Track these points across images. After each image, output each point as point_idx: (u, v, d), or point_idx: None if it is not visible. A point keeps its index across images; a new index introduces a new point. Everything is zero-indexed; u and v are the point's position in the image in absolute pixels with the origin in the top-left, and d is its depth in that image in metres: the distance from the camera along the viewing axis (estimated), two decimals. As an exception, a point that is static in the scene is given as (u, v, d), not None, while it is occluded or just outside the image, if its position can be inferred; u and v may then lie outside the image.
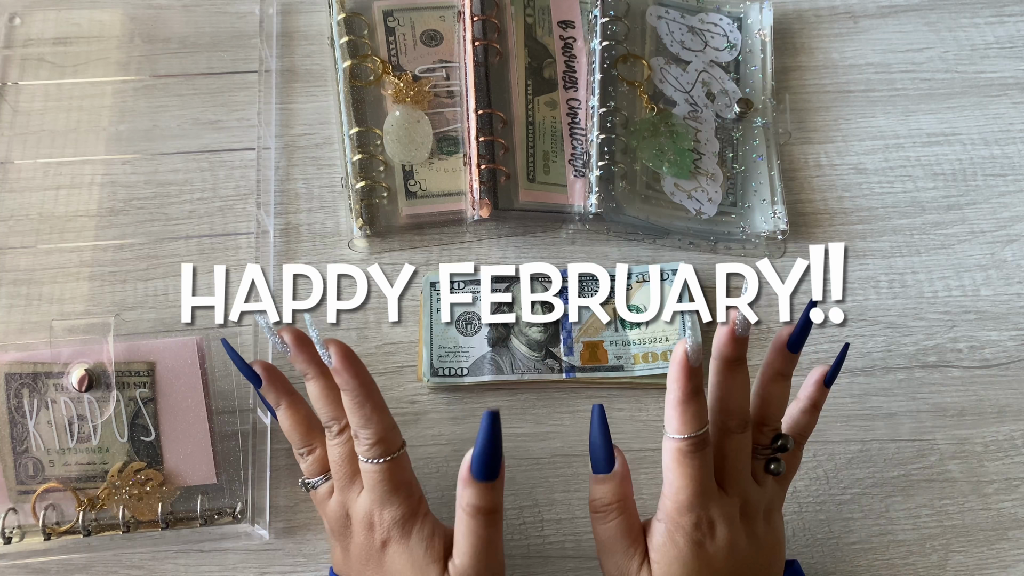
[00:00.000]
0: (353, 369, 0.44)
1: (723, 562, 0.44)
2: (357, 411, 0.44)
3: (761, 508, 0.46)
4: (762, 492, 0.46)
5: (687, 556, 0.44)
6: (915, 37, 0.69)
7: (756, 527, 0.46)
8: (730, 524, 0.44)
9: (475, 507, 0.43)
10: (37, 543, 0.51)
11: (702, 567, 0.44)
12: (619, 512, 0.45)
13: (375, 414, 0.44)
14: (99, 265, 0.60)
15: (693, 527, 0.44)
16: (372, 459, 0.44)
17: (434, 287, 0.58)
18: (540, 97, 0.64)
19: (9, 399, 0.51)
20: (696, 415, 0.43)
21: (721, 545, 0.44)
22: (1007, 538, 0.54)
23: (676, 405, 0.44)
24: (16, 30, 0.67)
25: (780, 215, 0.61)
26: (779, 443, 0.46)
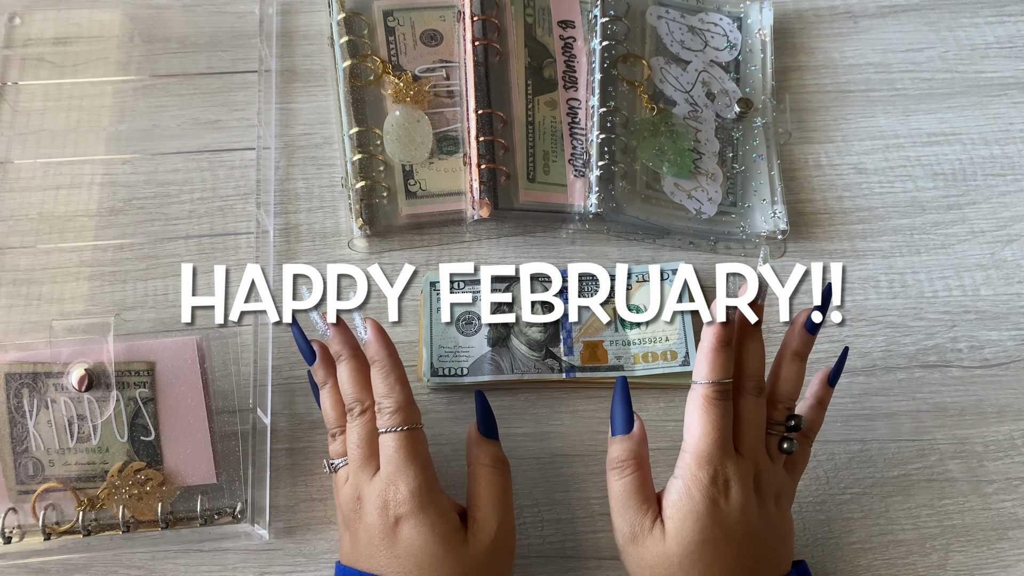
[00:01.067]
0: (384, 341, 0.48)
1: (735, 524, 0.45)
2: (383, 380, 0.47)
3: (773, 487, 0.47)
4: (773, 469, 0.47)
5: (701, 511, 0.45)
6: (915, 37, 0.69)
7: (767, 504, 0.46)
8: (744, 487, 0.45)
9: (493, 456, 0.49)
10: (37, 543, 0.51)
11: (714, 524, 0.45)
12: (634, 468, 0.47)
13: (399, 384, 0.47)
14: (99, 265, 0.60)
15: (710, 481, 0.45)
16: (392, 427, 0.46)
17: (434, 287, 0.58)
18: (540, 97, 0.64)
19: (9, 399, 0.51)
20: (725, 364, 0.46)
21: (735, 506, 0.45)
22: (1007, 538, 0.54)
23: (708, 352, 0.46)
24: (16, 30, 0.67)
25: (780, 215, 0.61)
26: (793, 422, 0.48)
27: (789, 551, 0.48)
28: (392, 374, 0.47)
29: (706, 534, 0.45)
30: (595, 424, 0.56)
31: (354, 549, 0.47)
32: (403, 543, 0.45)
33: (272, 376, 0.57)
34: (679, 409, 0.55)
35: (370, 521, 0.46)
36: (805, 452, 0.50)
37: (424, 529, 0.45)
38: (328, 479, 0.55)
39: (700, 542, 0.45)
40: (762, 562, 0.46)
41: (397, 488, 0.45)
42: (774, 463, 0.47)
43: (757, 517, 0.46)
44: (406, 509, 0.45)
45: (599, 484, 0.55)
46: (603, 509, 0.54)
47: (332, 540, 0.53)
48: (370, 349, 0.48)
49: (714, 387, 0.46)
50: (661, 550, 0.45)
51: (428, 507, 0.45)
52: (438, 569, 0.45)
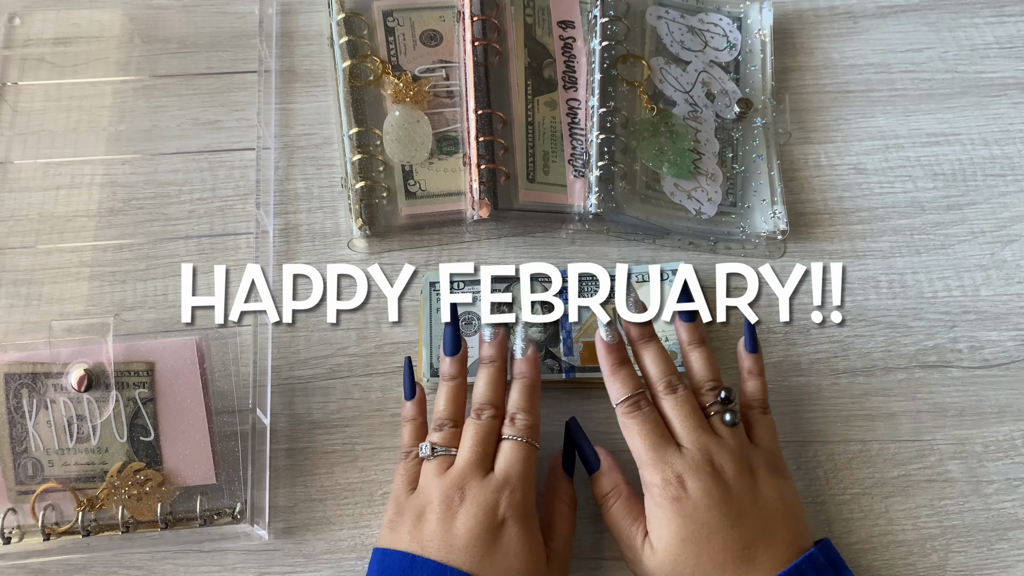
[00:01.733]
0: (536, 367, 0.52)
1: (706, 512, 0.46)
2: (527, 396, 0.50)
3: (739, 463, 0.48)
4: (729, 446, 0.48)
5: (670, 516, 0.46)
6: (915, 37, 0.69)
7: (741, 480, 0.47)
8: (697, 474, 0.46)
9: (572, 498, 0.52)
10: (37, 543, 0.51)
11: (685, 521, 0.46)
12: (615, 497, 0.50)
13: (537, 406, 0.51)
14: (99, 265, 0.60)
15: (663, 484, 0.47)
16: (523, 437, 0.49)
17: (434, 287, 0.58)
18: (540, 97, 0.64)
19: (9, 399, 0.51)
20: (625, 380, 0.50)
21: (696, 496, 0.46)
22: (1007, 538, 0.54)
23: (607, 378, 0.50)
24: (16, 30, 0.67)
25: (780, 215, 0.61)
26: (722, 395, 0.50)
27: (796, 525, 0.48)
28: (535, 395, 0.51)
29: (682, 533, 0.46)
30: (595, 424, 0.56)
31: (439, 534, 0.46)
32: (501, 545, 0.46)
33: (272, 376, 0.57)
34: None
35: (473, 513, 0.46)
36: (766, 420, 0.51)
37: (525, 537, 0.46)
38: (327, 480, 0.55)
39: (680, 542, 0.46)
40: (760, 540, 0.46)
41: (513, 492, 0.47)
42: (728, 440, 0.48)
43: (730, 497, 0.46)
44: (515, 513, 0.47)
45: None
46: (603, 509, 0.54)
47: (332, 540, 0.53)
48: (522, 366, 0.51)
49: (624, 403, 0.49)
50: (654, 563, 0.47)
51: (533, 519, 0.48)
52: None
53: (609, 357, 0.50)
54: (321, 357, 0.58)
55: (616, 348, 0.51)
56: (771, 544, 0.46)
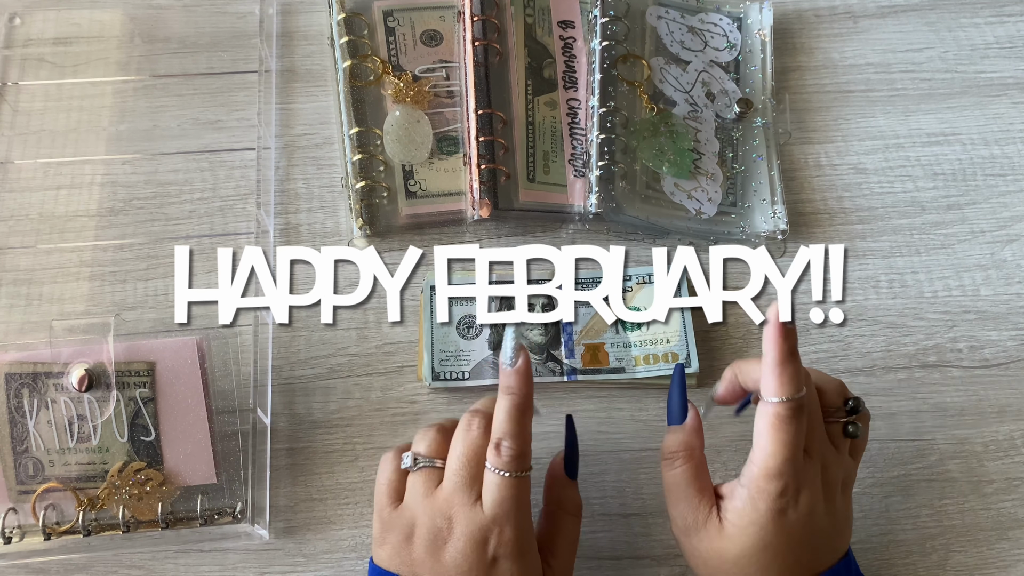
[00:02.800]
0: (529, 379, 0.45)
1: (800, 530, 0.44)
2: (517, 418, 0.44)
3: (840, 478, 0.46)
4: (839, 459, 0.46)
5: (766, 521, 0.44)
6: (915, 37, 0.69)
7: (834, 497, 0.46)
8: (813, 492, 0.44)
9: (578, 506, 0.48)
10: (37, 543, 0.51)
11: (778, 532, 0.44)
12: (685, 460, 0.46)
13: (527, 428, 0.45)
14: (99, 265, 0.60)
15: (779, 494, 0.43)
16: (509, 471, 0.44)
17: (434, 291, 0.58)
18: (540, 97, 0.64)
19: (9, 399, 0.51)
20: (794, 377, 0.43)
21: (803, 512, 0.44)
22: (1007, 538, 0.54)
23: (774, 367, 0.43)
24: (16, 30, 0.67)
25: (780, 215, 0.61)
26: (850, 404, 0.47)
27: (847, 537, 0.48)
28: (526, 415, 0.45)
29: (767, 540, 0.44)
30: (595, 424, 0.56)
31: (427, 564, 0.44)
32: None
33: (272, 376, 0.57)
34: None
35: (461, 549, 0.43)
36: (865, 433, 0.49)
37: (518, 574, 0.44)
38: (327, 479, 0.55)
39: (760, 548, 0.44)
40: (822, 556, 0.46)
41: (503, 531, 0.44)
42: (840, 453, 0.46)
43: (823, 516, 0.45)
44: (507, 551, 0.44)
45: (599, 484, 0.55)
46: (602, 509, 0.54)
47: (332, 540, 0.53)
48: (511, 380, 0.45)
49: (787, 405, 0.43)
50: (717, 547, 0.45)
51: (527, 554, 0.44)
52: None
53: (785, 343, 0.43)
54: (321, 357, 0.58)
55: (792, 334, 0.44)
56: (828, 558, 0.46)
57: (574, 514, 0.48)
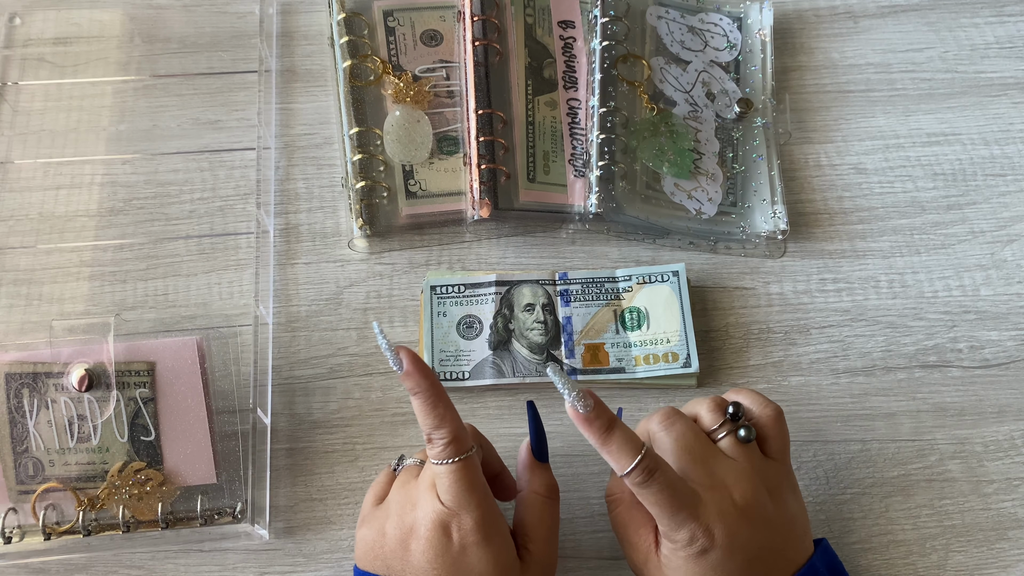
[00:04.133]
0: (423, 372, 0.44)
1: (728, 559, 0.43)
2: (430, 412, 0.44)
3: (757, 487, 0.45)
4: (747, 472, 0.45)
5: (690, 567, 0.43)
6: (915, 37, 0.69)
7: (759, 511, 0.44)
8: (723, 519, 0.43)
9: (549, 487, 0.47)
10: (37, 543, 0.51)
11: (707, 571, 0.43)
12: (617, 504, 0.47)
13: (448, 414, 0.44)
14: (99, 265, 0.60)
15: (687, 543, 0.43)
16: (447, 459, 0.44)
17: (435, 291, 0.58)
18: (540, 97, 0.64)
19: (9, 399, 0.51)
20: (622, 446, 0.43)
21: (721, 543, 0.43)
22: (1007, 538, 0.54)
23: (601, 451, 0.43)
24: (16, 30, 0.67)
25: (780, 215, 0.61)
26: (730, 411, 0.46)
27: (797, 540, 0.46)
28: (439, 404, 0.44)
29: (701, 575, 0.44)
30: (595, 424, 0.56)
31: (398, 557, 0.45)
32: (463, 568, 0.44)
33: (272, 376, 0.57)
34: None
35: (427, 538, 0.44)
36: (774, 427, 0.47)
37: (488, 558, 0.44)
38: (327, 479, 0.55)
39: None
40: (772, 567, 0.45)
41: (461, 519, 0.44)
42: (742, 463, 0.45)
43: (749, 536, 0.44)
44: (472, 539, 0.43)
45: (599, 484, 0.55)
46: (602, 509, 0.54)
47: (332, 540, 0.53)
48: (409, 381, 0.44)
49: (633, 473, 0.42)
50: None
51: (493, 537, 0.44)
52: None
53: (593, 428, 0.43)
54: (321, 357, 0.58)
55: (595, 416, 0.42)
56: (781, 567, 0.45)
57: (547, 496, 0.47)
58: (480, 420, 0.56)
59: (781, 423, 0.47)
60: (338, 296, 0.60)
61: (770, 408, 0.47)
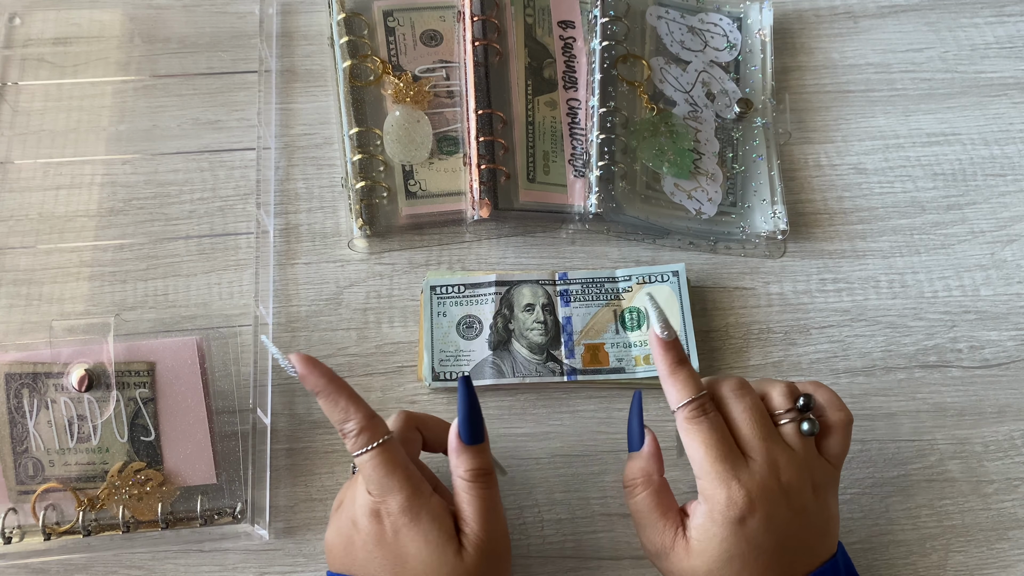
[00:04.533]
0: (318, 370, 0.44)
1: (762, 535, 0.43)
2: (333, 407, 0.45)
3: (805, 479, 0.45)
4: (798, 459, 0.45)
5: (725, 533, 0.43)
6: (915, 37, 0.69)
7: (803, 500, 0.45)
8: (764, 494, 0.43)
9: (472, 471, 0.45)
10: (37, 543, 0.51)
11: (740, 541, 0.43)
12: (644, 487, 0.47)
13: (351, 405, 0.45)
14: (99, 265, 0.60)
15: (728, 503, 0.43)
16: (362, 449, 0.44)
17: (435, 291, 0.58)
18: (540, 97, 0.64)
19: (9, 399, 0.51)
20: (686, 381, 0.45)
21: (759, 518, 0.43)
22: (1007, 538, 0.54)
23: (666, 379, 0.46)
24: (16, 30, 0.67)
25: (780, 215, 0.61)
26: (801, 402, 0.46)
27: (831, 540, 0.47)
28: (340, 397, 0.44)
29: (732, 551, 0.44)
30: (595, 424, 0.56)
31: (348, 555, 0.46)
32: (403, 551, 0.44)
33: (272, 376, 0.57)
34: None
35: (365, 530, 0.45)
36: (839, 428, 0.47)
37: (419, 539, 0.44)
38: (327, 479, 0.55)
39: (727, 559, 0.44)
40: (800, 559, 0.45)
41: (387, 504, 0.44)
42: (798, 452, 0.45)
43: (787, 520, 0.44)
44: (401, 522, 0.44)
45: (599, 484, 0.55)
46: (603, 509, 0.54)
47: (332, 540, 0.53)
48: (308, 383, 0.44)
49: (688, 406, 0.45)
50: (687, 566, 0.45)
51: (420, 516, 0.44)
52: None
53: (667, 356, 0.45)
54: (321, 357, 0.58)
55: (675, 345, 0.46)
56: (808, 561, 0.45)
57: (472, 480, 0.45)
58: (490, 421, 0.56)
59: (848, 430, 0.47)
60: (338, 296, 0.60)
61: (843, 412, 0.47)
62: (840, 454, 0.47)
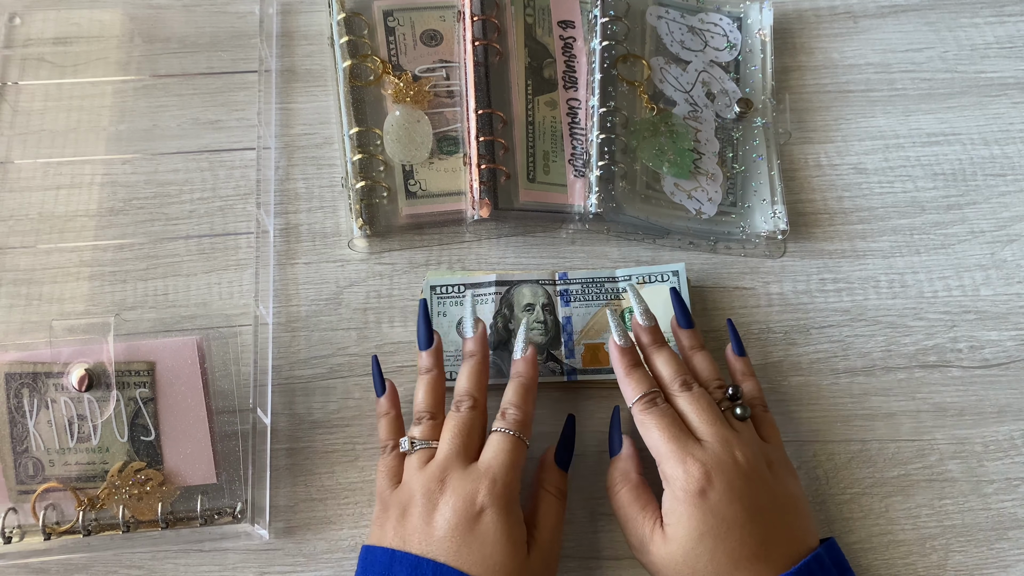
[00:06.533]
0: (533, 367, 0.53)
1: (728, 507, 0.46)
2: (520, 394, 0.51)
3: (758, 456, 0.48)
4: (747, 439, 0.48)
5: (690, 508, 0.46)
6: (915, 37, 0.69)
7: (758, 471, 0.47)
8: (720, 466, 0.46)
9: (560, 489, 0.51)
10: (37, 543, 0.51)
11: (707, 514, 0.46)
12: (622, 485, 0.50)
13: (530, 403, 0.51)
14: (99, 265, 0.60)
15: (686, 478, 0.46)
16: (512, 430, 0.49)
17: (434, 291, 0.58)
18: (540, 97, 0.64)
19: (9, 399, 0.51)
20: (640, 380, 0.50)
21: (720, 488, 0.46)
22: (1007, 538, 0.54)
23: (622, 379, 0.51)
24: (16, 30, 0.67)
25: (780, 215, 0.61)
26: (730, 392, 0.51)
27: (806, 522, 0.49)
28: (531, 392, 0.51)
29: (701, 527, 0.46)
30: (595, 424, 0.56)
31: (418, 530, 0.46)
32: (479, 534, 0.46)
33: (272, 376, 0.57)
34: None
35: (452, 504, 0.46)
36: (769, 419, 0.52)
37: (504, 526, 0.46)
38: (327, 479, 0.55)
39: (698, 536, 0.46)
40: (774, 537, 0.46)
41: (495, 480, 0.47)
42: (742, 433, 0.49)
43: (751, 491, 0.46)
44: (494, 501, 0.46)
45: (599, 484, 0.55)
46: (603, 509, 0.54)
47: (332, 540, 0.53)
48: (520, 367, 0.52)
49: (640, 400, 0.49)
50: (665, 553, 0.47)
51: (512, 508, 0.47)
52: (500, 571, 0.45)
53: (623, 359, 0.51)
54: (321, 357, 0.58)
55: (630, 351, 0.51)
56: (783, 542, 0.47)
57: (556, 496, 0.51)
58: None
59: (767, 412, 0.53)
60: (338, 296, 0.60)
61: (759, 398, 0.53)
62: (773, 433, 0.51)
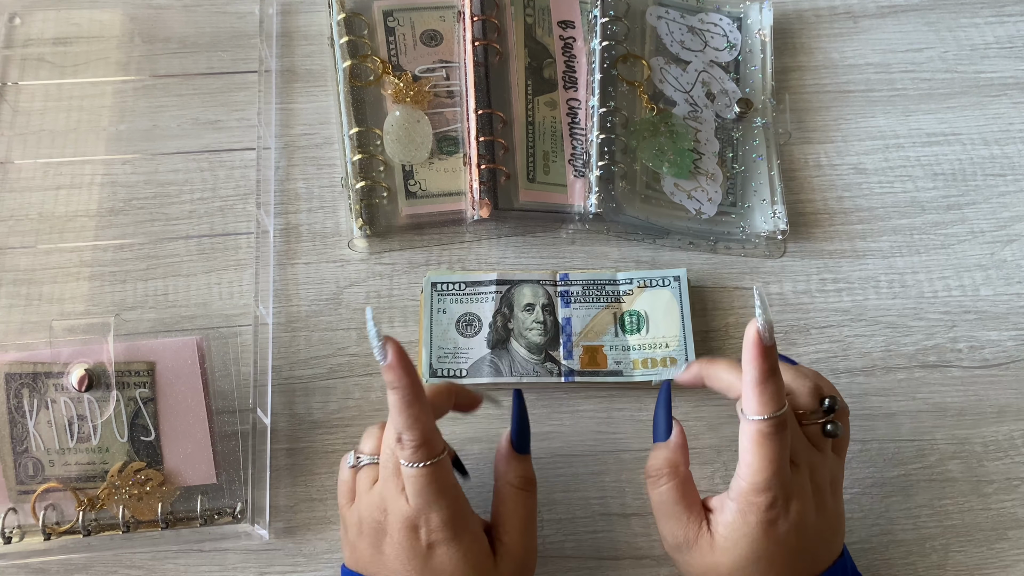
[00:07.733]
0: (407, 368, 0.43)
1: (792, 538, 0.44)
2: (405, 410, 0.43)
3: (828, 478, 0.46)
4: (824, 459, 0.46)
5: (757, 533, 0.44)
6: (915, 37, 0.69)
7: (825, 499, 0.46)
8: (801, 497, 0.44)
9: (524, 478, 0.47)
10: (37, 543, 0.51)
11: (770, 543, 0.44)
12: (670, 477, 0.46)
13: (422, 416, 0.43)
14: (99, 265, 0.60)
15: (768, 506, 0.43)
16: (416, 463, 0.43)
17: (435, 287, 0.58)
18: (540, 97, 0.64)
19: (9, 399, 0.51)
20: (775, 395, 0.43)
21: (794, 521, 0.44)
22: (1007, 538, 0.54)
23: (754, 386, 0.43)
24: (16, 30, 0.67)
25: (780, 215, 0.61)
26: (827, 403, 0.47)
27: (841, 535, 0.48)
28: (414, 404, 0.43)
29: (760, 552, 0.44)
30: (595, 424, 0.56)
31: (377, 560, 0.45)
32: (435, 567, 0.44)
33: (272, 376, 0.57)
34: (677, 410, 0.56)
35: (398, 539, 0.44)
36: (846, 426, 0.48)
37: (458, 556, 0.44)
38: (327, 479, 0.55)
39: (753, 559, 0.44)
40: (817, 557, 0.46)
41: (429, 518, 0.43)
42: (823, 453, 0.46)
43: (814, 521, 0.45)
44: (440, 537, 0.43)
45: (599, 484, 0.55)
46: (603, 509, 0.54)
47: (332, 540, 0.53)
48: (391, 375, 0.43)
49: (769, 423, 0.43)
50: (711, 561, 0.45)
51: (462, 534, 0.44)
52: None
53: (764, 362, 0.42)
54: (321, 357, 0.58)
55: (771, 352, 0.43)
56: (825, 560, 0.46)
57: (522, 488, 0.47)
58: (477, 418, 0.56)
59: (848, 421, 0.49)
60: (338, 296, 0.60)
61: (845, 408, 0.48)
62: (845, 447, 0.49)
